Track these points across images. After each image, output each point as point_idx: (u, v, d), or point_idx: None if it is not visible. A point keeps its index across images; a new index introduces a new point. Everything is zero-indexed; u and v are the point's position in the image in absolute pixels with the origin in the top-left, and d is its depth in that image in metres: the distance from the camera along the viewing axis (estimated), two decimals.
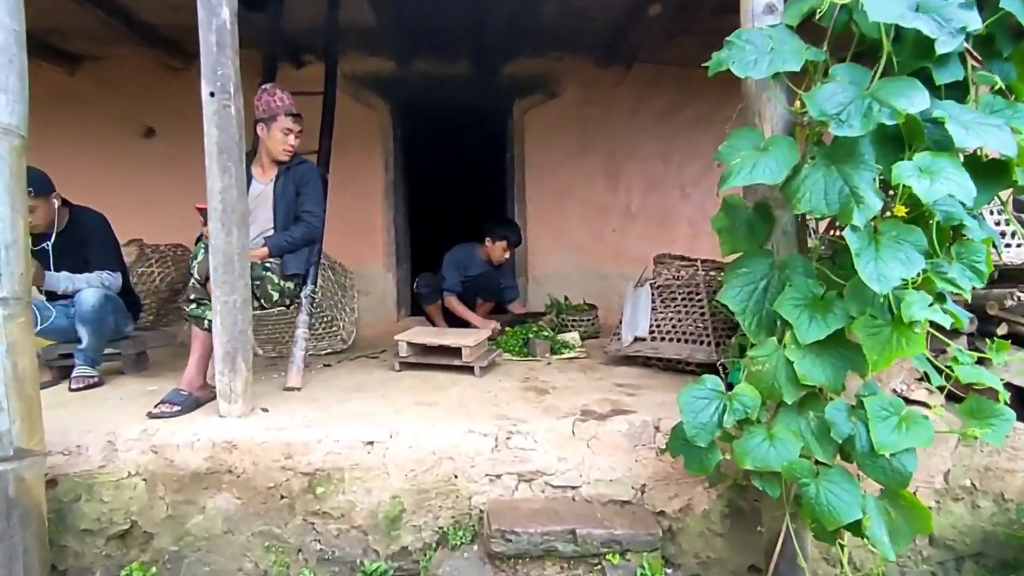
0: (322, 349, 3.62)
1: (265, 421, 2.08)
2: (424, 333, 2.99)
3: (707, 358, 2.59)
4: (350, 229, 4.18)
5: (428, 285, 3.68)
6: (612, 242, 4.35)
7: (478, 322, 3.61)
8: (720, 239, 1.95)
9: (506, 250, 3.71)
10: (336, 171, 4.19)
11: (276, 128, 2.63)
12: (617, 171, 4.34)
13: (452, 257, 3.75)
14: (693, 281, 2.79)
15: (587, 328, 3.78)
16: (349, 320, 3.74)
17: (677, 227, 4.39)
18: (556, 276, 4.30)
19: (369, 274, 4.20)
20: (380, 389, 2.58)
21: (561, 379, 2.74)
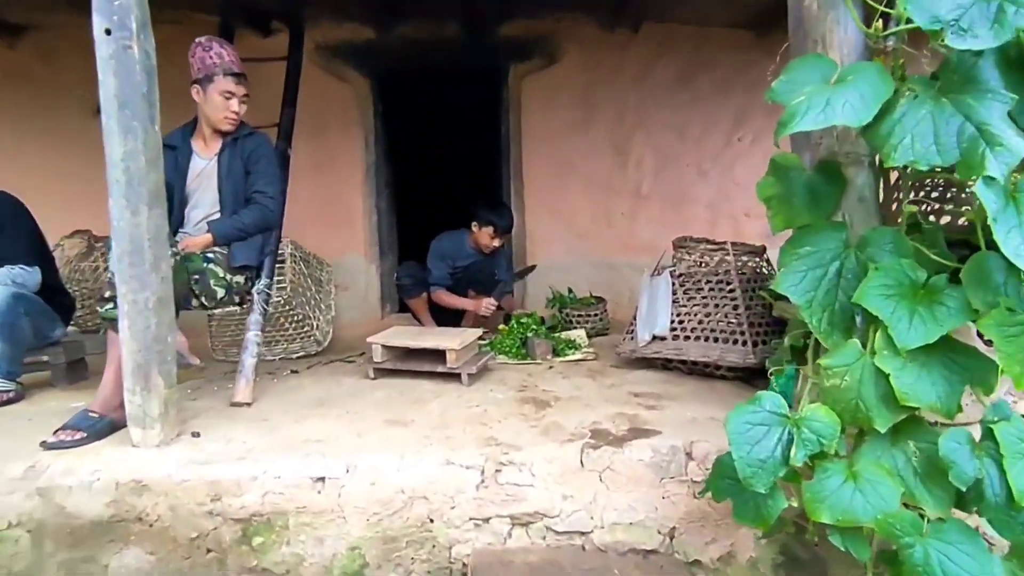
0: (293, 352, 3.18)
1: (190, 452, 1.64)
2: (403, 334, 2.54)
3: (741, 360, 2.13)
4: (327, 216, 3.73)
5: (411, 276, 3.22)
6: (621, 226, 3.89)
7: (469, 305, 3.20)
8: (770, 211, 1.50)
9: (494, 237, 3.24)
10: (311, 153, 3.74)
11: (214, 91, 2.17)
12: (625, 146, 3.87)
13: (438, 247, 3.30)
14: (722, 268, 2.33)
15: (594, 324, 3.33)
16: (324, 319, 3.30)
17: (693, 210, 3.92)
18: (558, 265, 3.84)
19: (349, 266, 3.75)
20: (347, 403, 2.14)
21: (565, 387, 2.29)
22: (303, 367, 2.89)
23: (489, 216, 3.19)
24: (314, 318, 3.20)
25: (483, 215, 3.20)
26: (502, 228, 3.20)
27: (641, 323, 2.47)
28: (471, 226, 3.25)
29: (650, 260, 3.98)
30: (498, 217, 3.20)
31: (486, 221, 3.19)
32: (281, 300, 3.02)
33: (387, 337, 2.46)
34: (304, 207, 3.68)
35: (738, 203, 3.94)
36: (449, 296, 3.24)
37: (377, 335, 2.48)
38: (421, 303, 3.24)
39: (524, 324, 2.96)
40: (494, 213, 3.20)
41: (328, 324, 3.32)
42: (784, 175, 1.48)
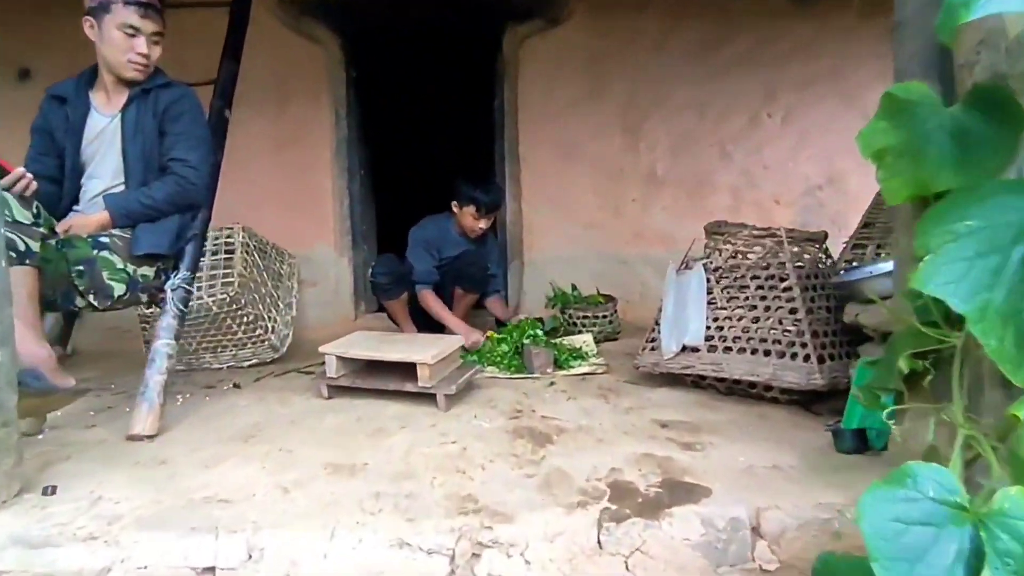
0: (244, 360, 2.67)
1: (23, 523, 1.12)
2: (366, 342, 2.02)
3: (803, 381, 1.63)
4: (290, 201, 3.21)
5: (389, 272, 2.69)
6: (632, 215, 3.38)
7: (459, 328, 2.64)
8: (882, 172, 1.00)
9: (479, 218, 2.71)
10: (272, 127, 3.22)
11: (111, 24, 1.66)
12: (638, 123, 3.36)
13: (420, 235, 2.78)
14: (773, 260, 1.82)
15: (603, 328, 2.82)
16: (283, 320, 2.78)
17: (715, 196, 3.41)
18: (560, 259, 3.33)
19: (317, 259, 3.23)
20: (284, 436, 1.62)
21: (571, 412, 1.78)
22: (250, 379, 2.38)
23: (471, 192, 2.66)
24: (269, 319, 2.68)
25: (464, 191, 2.68)
26: (487, 205, 2.68)
27: (666, 330, 1.96)
28: (451, 207, 2.74)
29: (664, 253, 3.48)
30: (482, 192, 2.67)
31: (468, 198, 2.67)
32: (227, 297, 2.50)
33: (345, 346, 1.94)
34: (263, 190, 3.18)
35: (766, 188, 3.43)
36: (437, 303, 2.70)
37: (333, 343, 1.97)
38: (401, 305, 2.72)
39: (519, 328, 2.45)
40: (477, 188, 2.68)
41: (287, 326, 2.80)
42: (908, 116, 0.97)
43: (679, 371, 1.90)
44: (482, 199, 2.66)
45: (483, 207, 2.67)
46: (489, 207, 2.69)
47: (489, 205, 2.69)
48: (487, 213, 2.70)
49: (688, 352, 1.88)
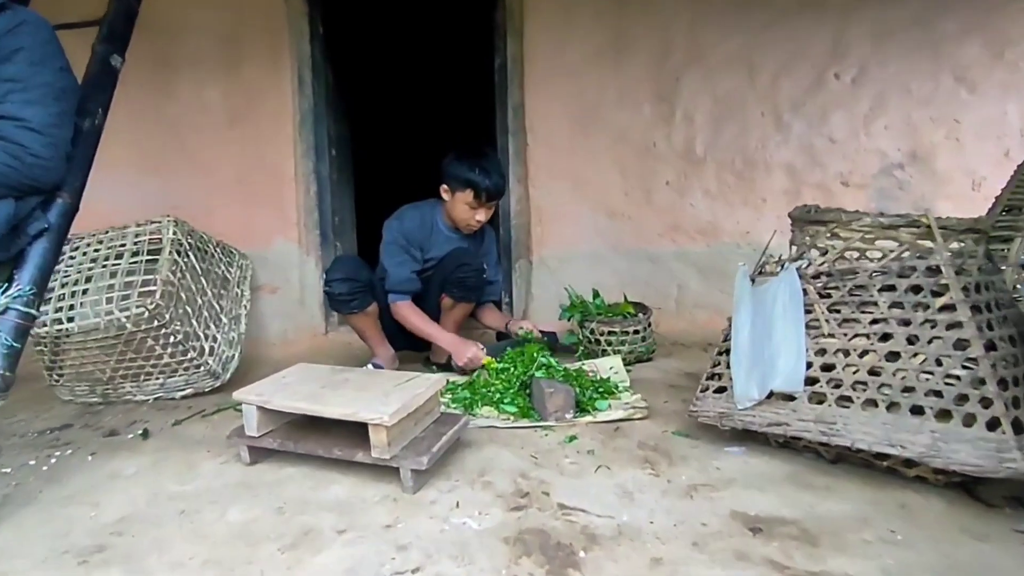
0: (175, 390, 2.08)
1: None
2: (302, 382, 1.39)
3: (990, 464, 0.99)
4: (243, 186, 2.61)
5: (347, 280, 1.99)
6: (666, 201, 2.74)
7: (448, 344, 2.03)
8: None
9: (476, 207, 2.03)
10: (221, 95, 2.61)
11: None
12: (673, 85, 2.71)
13: (398, 229, 2.11)
14: (920, 262, 1.18)
15: (633, 347, 2.20)
16: (225, 339, 2.19)
17: (768, 179, 2.76)
18: (576, 257, 2.71)
19: (277, 258, 2.63)
20: (152, 549, 1.03)
21: (604, 496, 1.17)
22: (169, 421, 1.80)
23: (466, 173, 1.98)
24: (205, 339, 2.09)
25: (456, 172, 2.00)
26: (487, 191, 1.99)
27: (741, 366, 1.33)
28: (440, 192, 2.10)
29: (705, 249, 2.84)
30: (480, 173, 1.97)
31: (462, 181, 1.99)
32: (145, 312, 1.91)
33: (271, 390, 1.33)
34: (207, 173, 2.58)
35: (832, 166, 2.77)
36: (418, 316, 2.07)
37: (255, 386, 1.36)
38: (369, 321, 2.10)
39: (525, 353, 1.83)
40: (474, 168, 1.98)
41: (232, 346, 2.21)
42: None
43: (764, 429, 1.27)
44: (481, 182, 1.97)
45: (482, 193, 1.99)
46: (490, 193, 2.00)
47: (490, 190, 2.00)
48: (487, 201, 2.03)
49: (777, 401, 1.26)
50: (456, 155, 2.02)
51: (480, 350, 1.96)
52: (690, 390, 1.84)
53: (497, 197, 2.04)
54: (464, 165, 1.98)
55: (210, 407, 1.93)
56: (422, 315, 2.05)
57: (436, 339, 2.01)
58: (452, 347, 1.99)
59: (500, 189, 2.02)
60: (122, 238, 2.15)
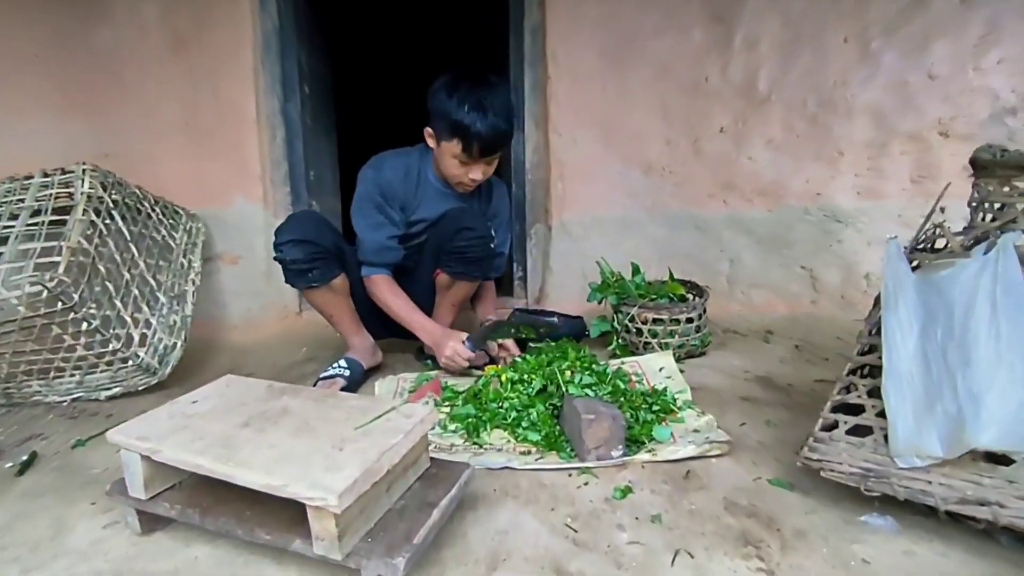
0: (99, 388, 1.63)
1: None
2: (215, 418, 0.91)
3: None
4: (192, 129, 2.08)
5: (304, 240, 1.47)
6: (719, 152, 2.20)
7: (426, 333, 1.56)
8: None
9: (468, 162, 1.46)
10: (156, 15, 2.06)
11: None
12: (732, 4, 2.14)
13: (373, 180, 1.54)
14: None
15: (684, 337, 1.72)
16: (163, 324, 1.71)
17: (849, 125, 2.20)
18: (605, 222, 2.20)
19: (237, 220, 2.13)
20: None
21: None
22: (69, 439, 1.35)
23: (454, 112, 1.38)
24: (131, 324, 1.61)
25: (442, 108, 1.41)
26: (482, 141, 1.40)
27: (907, 401, 0.84)
28: (424, 138, 1.54)
29: (766, 214, 2.29)
30: (474, 114, 1.37)
31: (448, 124, 1.41)
32: (42, 290, 1.43)
33: (165, 428, 0.85)
34: (148, 112, 2.05)
35: (929, 111, 2.20)
36: (395, 296, 1.58)
37: (145, 419, 0.89)
38: (336, 301, 1.60)
39: (549, 353, 1.34)
40: (463, 104, 1.38)
41: (174, 333, 1.73)
42: None
43: (954, 508, 0.79)
44: (473, 127, 1.37)
45: (474, 143, 1.40)
46: (486, 144, 1.41)
47: (486, 140, 1.39)
48: (484, 154, 1.44)
49: (979, 463, 0.77)
50: (444, 84, 1.41)
51: (461, 344, 1.50)
52: (772, 406, 1.36)
53: (497, 149, 1.46)
54: (452, 100, 1.38)
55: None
56: (399, 295, 1.58)
57: (412, 327, 1.55)
58: (430, 340, 1.55)
59: (500, 138, 1.42)
60: (21, 191, 1.66)
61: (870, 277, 2.25)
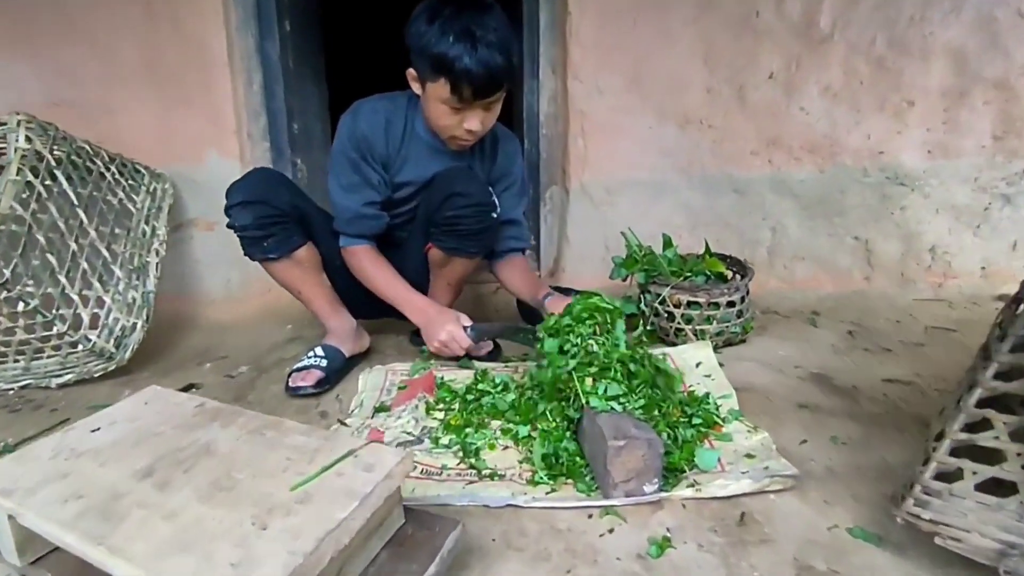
0: (49, 375, 1.42)
1: None
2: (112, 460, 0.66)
3: None
4: (153, 73, 1.81)
5: (255, 201, 1.22)
6: (766, 103, 1.88)
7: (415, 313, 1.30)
8: None
9: (459, 108, 1.14)
10: None
11: None
12: None
13: (349, 132, 1.24)
14: None
15: (725, 325, 1.46)
16: (120, 302, 1.48)
17: (924, 70, 1.85)
18: (632, 185, 1.91)
19: (210, 180, 1.87)
20: None
21: None
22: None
23: (437, 44, 1.08)
24: (79, 304, 1.38)
25: (422, 40, 1.10)
26: (472, 80, 1.09)
27: None
28: (408, 80, 1.22)
29: (819, 175, 1.94)
30: (462, 44, 1.07)
31: (429, 58, 1.10)
32: None
33: (37, 474, 0.63)
34: (104, 53, 1.78)
35: (1018, 54, 1.86)
36: (378, 269, 1.32)
37: (20, 458, 0.66)
38: (302, 275, 1.35)
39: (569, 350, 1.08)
40: (447, 33, 1.07)
41: (134, 311, 1.50)
42: None
43: None
44: (460, 60, 1.07)
45: (463, 83, 1.10)
46: (479, 80, 1.10)
47: (479, 75, 1.09)
48: (478, 96, 1.13)
49: None
50: (425, 8, 1.11)
51: (462, 327, 1.25)
52: (836, 416, 1.12)
53: (494, 89, 1.15)
54: (434, 28, 1.08)
55: (79, 416, 1.26)
56: (382, 266, 1.32)
57: (397, 303, 1.30)
58: (421, 319, 1.28)
59: (497, 74, 1.11)
60: None
61: (936, 251, 1.95)
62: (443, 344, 1.25)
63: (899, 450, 1.02)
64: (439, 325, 1.25)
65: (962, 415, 0.71)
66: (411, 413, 1.12)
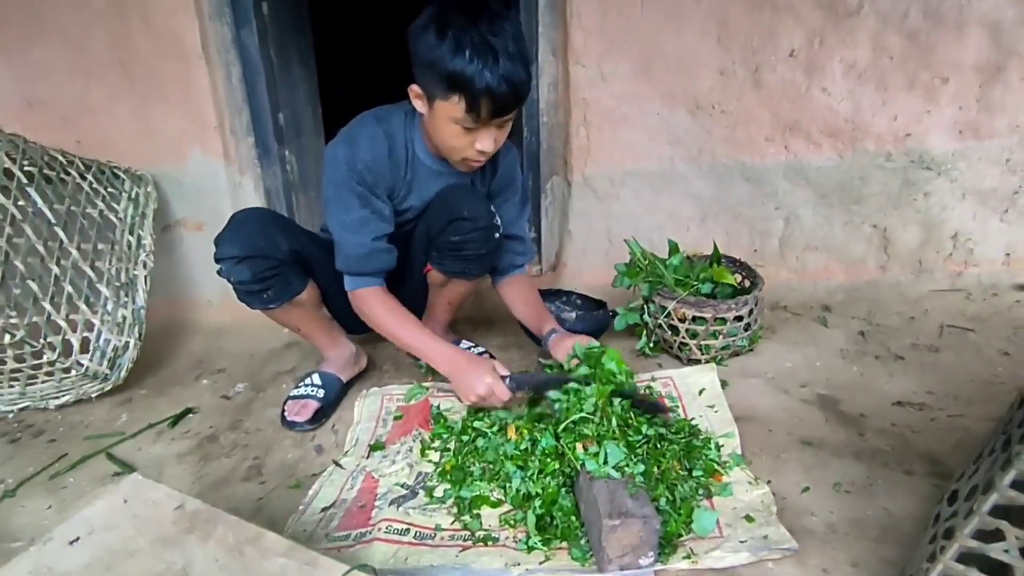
0: (47, 397, 1.43)
1: None
2: None
3: None
4: (127, 68, 1.70)
5: (249, 256, 1.15)
6: (785, 84, 1.73)
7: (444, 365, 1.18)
8: None
9: (476, 126, 1.03)
10: None
11: None
12: None
13: (347, 161, 1.12)
14: None
15: (731, 339, 1.41)
16: (109, 322, 1.45)
17: (959, 43, 1.68)
18: (638, 177, 1.80)
19: (196, 181, 1.79)
20: None
21: None
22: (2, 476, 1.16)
23: (451, 61, 0.97)
24: (67, 330, 1.35)
25: (431, 55, 0.98)
26: (495, 93, 0.98)
27: None
28: (409, 96, 1.11)
29: (837, 162, 1.82)
30: (480, 60, 0.96)
31: (443, 77, 0.99)
32: None
33: None
34: (75, 46, 1.67)
35: None
36: (392, 315, 1.20)
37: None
38: (302, 316, 1.30)
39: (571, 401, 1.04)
40: (462, 48, 0.96)
41: (125, 330, 1.48)
42: None
43: None
44: (480, 78, 0.97)
45: (481, 102, 1.00)
46: (500, 98, 1.00)
47: (501, 93, 0.99)
48: (496, 115, 1.04)
49: None
50: (431, 21, 0.99)
51: (499, 380, 1.14)
52: (840, 454, 1.09)
53: (514, 107, 1.05)
54: (445, 44, 0.97)
55: (77, 448, 1.27)
56: (396, 310, 1.21)
57: (423, 354, 1.21)
58: (450, 370, 1.17)
59: (518, 90, 1.01)
60: None
61: (958, 238, 1.86)
62: (481, 398, 1.14)
63: (904, 497, 0.99)
64: (475, 377, 1.13)
65: (975, 519, 0.67)
66: (405, 458, 1.10)
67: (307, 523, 0.97)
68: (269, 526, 0.98)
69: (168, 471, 1.18)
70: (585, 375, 1.09)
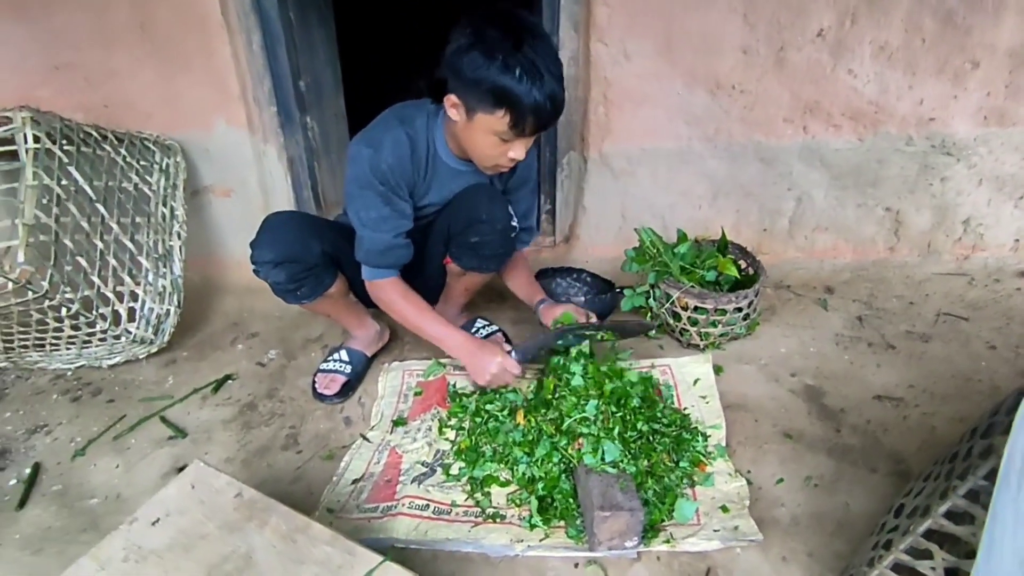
0: (101, 358, 1.57)
1: None
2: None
3: None
4: (148, 33, 1.71)
5: (285, 260, 1.24)
6: (808, 64, 1.69)
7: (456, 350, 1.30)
8: None
9: (510, 139, 1.10)
10: None
11: None
12: None
13: (371, 163, 1.16)
14: None
15: (729, 328, 1.50)
16: (152, 292, 1.57)
17: (995, 26, 1.62)
18: (655, 155, 1.82)
19: (221, 150, 1.85)
20: None
21: None
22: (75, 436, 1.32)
23: (499, 77, 1.01)
24: (115, 300, 1.48)
25: (478, 73, 1.02)
26: (542, 110, 1.04)
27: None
28: (444, 104, 1.14)
29: (856, 145, 1.83)
30: (529, 80, 1.00)
31: (490, 92, 1.03)
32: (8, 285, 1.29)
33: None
34: (96, 11, 1.68)
35: None
36: (409, 303, 1.30)
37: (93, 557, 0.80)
38: (333, 304, 1.40)
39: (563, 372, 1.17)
40: (512, 68, 1.00)
41: (166, 298, 1.60)
42: None
43: None
44: (529, 97, 1.01)
45: (527, 117, 1.05)
46: (545, 114, 1.06)
47: (547, 110, 1.05)
48: (537, 130, 1.10)
49: None
50: (474, 42, 1.02)
51: (508, 357, 1.26)
52: (816, 449, 1.21)
53: (553, 123, 1.11)
54: (495, 64, 1.00)
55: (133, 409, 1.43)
56: (413, 299, 1.31)
57: (436, 340, 1.32)
58: (465, 356, 1.29)
59: (560, 107, 1.08)
60: None
61: (970, 223, 1.89)
62: (495, 377, 1.26)
63: (864, 495, 1.11)
64: (486, 359, 1.25)
65: (910, 538, 0.79)
66: (425, 436, 1.24)
67: (340, 494, 1.13)
68: (308, 495, 1.15)
69: (216, 437, 1.33)
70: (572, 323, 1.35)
